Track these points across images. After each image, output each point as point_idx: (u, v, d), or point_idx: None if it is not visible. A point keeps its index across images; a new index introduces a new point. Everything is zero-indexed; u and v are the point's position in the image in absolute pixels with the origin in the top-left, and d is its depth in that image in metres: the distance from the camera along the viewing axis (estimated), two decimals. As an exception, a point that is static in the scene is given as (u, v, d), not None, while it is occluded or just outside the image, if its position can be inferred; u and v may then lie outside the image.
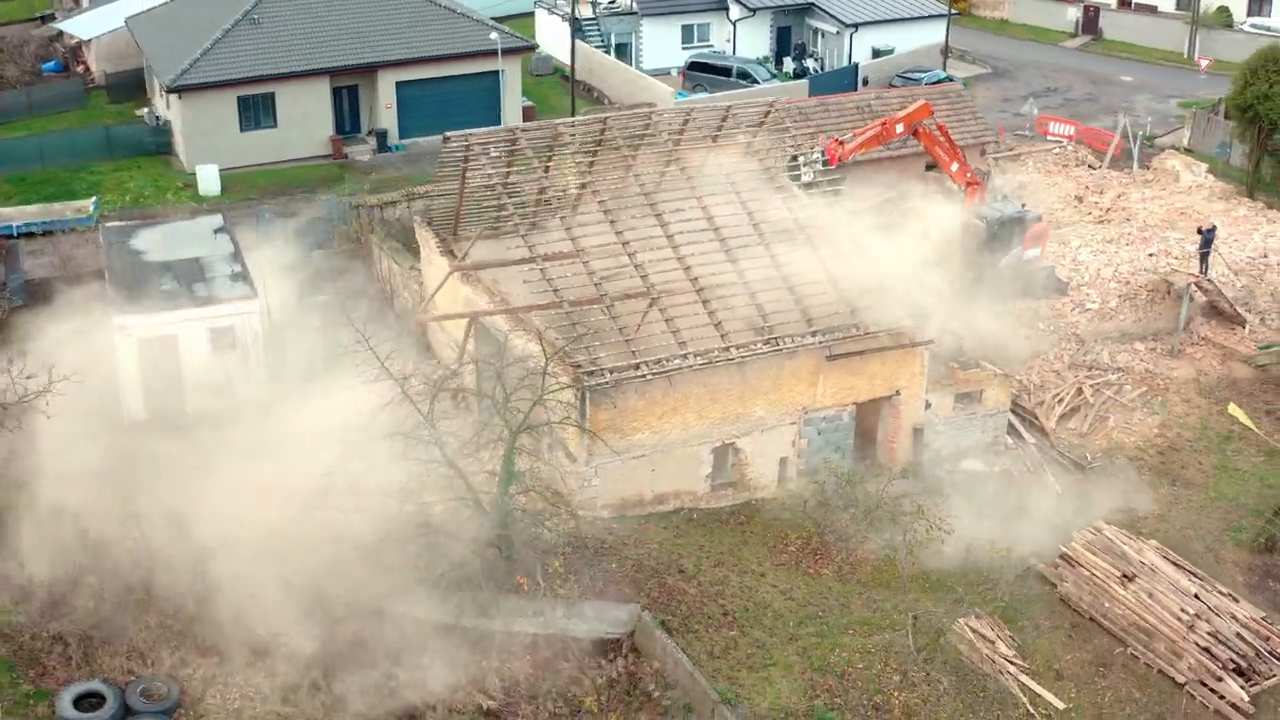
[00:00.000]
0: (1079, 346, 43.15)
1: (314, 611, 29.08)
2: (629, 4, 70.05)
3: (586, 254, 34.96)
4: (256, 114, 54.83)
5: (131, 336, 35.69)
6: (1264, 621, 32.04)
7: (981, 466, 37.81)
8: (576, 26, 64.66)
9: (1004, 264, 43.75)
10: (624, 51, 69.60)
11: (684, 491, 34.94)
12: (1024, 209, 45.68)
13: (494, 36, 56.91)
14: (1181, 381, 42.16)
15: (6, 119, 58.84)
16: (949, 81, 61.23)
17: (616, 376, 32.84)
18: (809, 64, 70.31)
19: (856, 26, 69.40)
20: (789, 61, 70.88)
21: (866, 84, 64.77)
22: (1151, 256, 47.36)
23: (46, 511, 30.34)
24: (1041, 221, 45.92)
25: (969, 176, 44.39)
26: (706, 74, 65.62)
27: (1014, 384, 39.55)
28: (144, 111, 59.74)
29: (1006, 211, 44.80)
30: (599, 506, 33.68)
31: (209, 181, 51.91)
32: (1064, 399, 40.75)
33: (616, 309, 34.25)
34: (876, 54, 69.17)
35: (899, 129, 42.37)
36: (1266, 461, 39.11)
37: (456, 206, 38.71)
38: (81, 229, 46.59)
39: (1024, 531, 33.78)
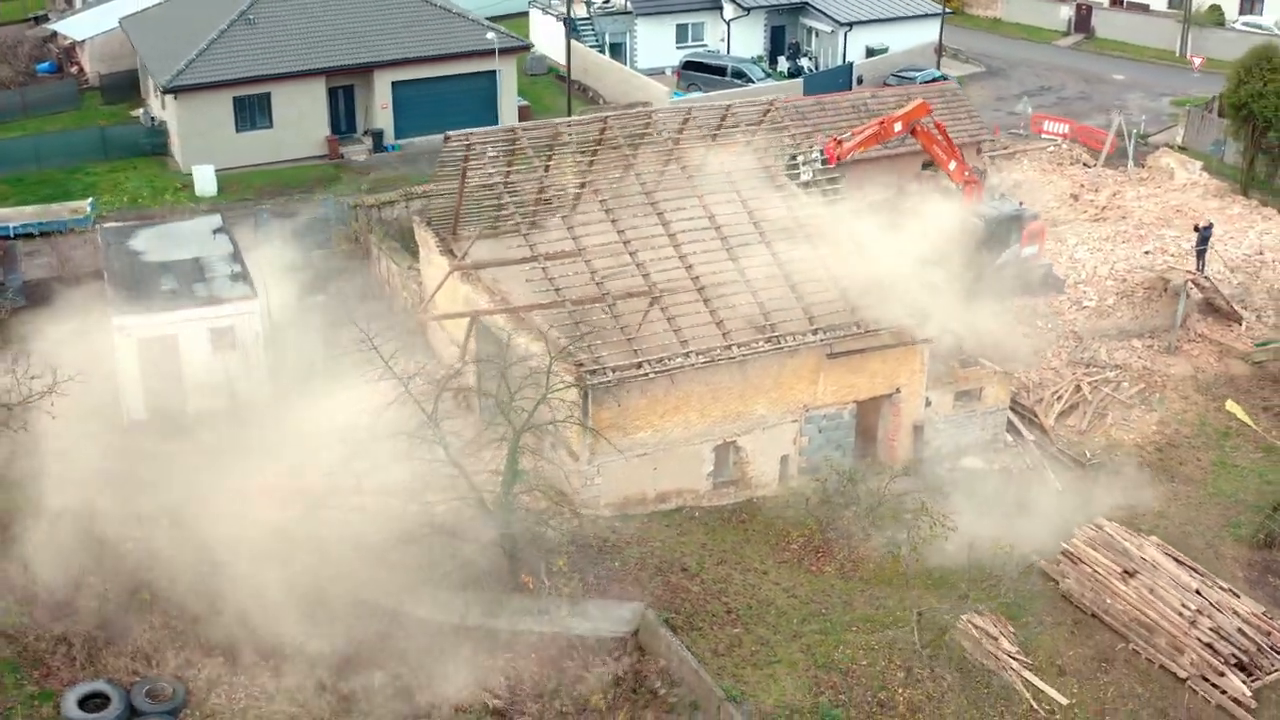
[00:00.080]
0: (1077, 344, 43.31)
1: (319, 611, 29.09)
2: (623, 3, 70.03)
3: (587, 253, 34.96)
4: (252, 114, 54.71)
5: (131, 337, 35.65)
6: (1265, 617, 32.16)
7: (981, 464, 37.93)
8: (571, 26, 64.66)
9: (1002, 262, 43.85)
10: (618, 51, 69.56)
11: (686, 490, 34.98)
12: (1021, 207, 45.80)
13: (491, 36, 56.89)
14: (1179, 378, 42.32)
15: (1, 120, 58.69)
16: (944, 80, 61.28)
17: (619, 375, 32.85)
18: (803, 63, 70.36)
19: (851, 25, 69.48)
20: (783, 61, 70.95)
21: (861, 83, 64.83)
22: (1148, 254, 47.54)
23: (49, 512, 30.30)
24: (1039, 220, 46.04)
25: (967, 175, 44.45)
26: (701, 73, 65.58)
27: (1014, 382, 39.65)
28: (139, 112, 59.62)
29: (1004, 210, 44.91)
30: (601, 505, 33.71)
31: (205, 182, 51.79)
32: (1062, 396, 40.88)
33: (618, 308, 34.28)
34: (870, 53, 69.28)
35: (897, 128, 42.35)
36: (1264, 457, 39.27)
37: (456, 206, 38.70)
38: (79, 230, 46.44)
39: (1025, 528, 33.83)
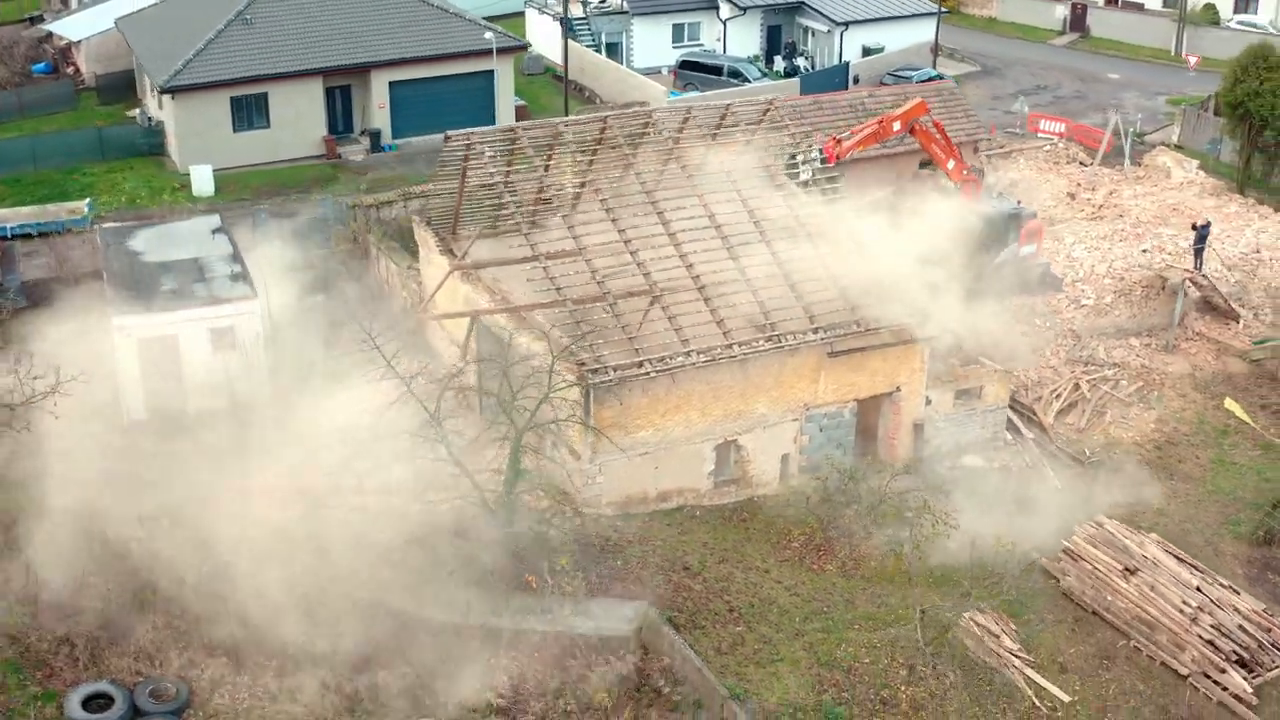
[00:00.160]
0: (1075, 342, 43.40)
1: (322, 611, 29.09)
2: (619, 3, 70.04)
3: (588, 252, 34.98)
4: (249, 114, 54.68)
5: (131, 337, 35.65)
6: (1265, 614, 32.25)
7: (981, 462, 38.01)
8: (568, 26, 64.64)
9: (1000, 261, 43.88)
10: (614, 51, 69.60)
11: (687, 489, 35.00)
12: (1019, 206, 45.86)
13: (489, 36, 56.89)
14: (1177, 376, 42.44)
15: (-2, 120, 58.77)
16: (940, 79, 61.36)
17: (620, 374, 32.87)
18: (799, 63, 70.42)
19: (847, 25, 69.63)
20: (779, 60, 71.01)
21: (857, 82, 64.91)
22: (1145, 253, 47.61)
23: (51, 512, 30.27)
24: (1037, 218, 46.09)
25: (965, 174, 44.49)
26: (697, 73, 65.70)
27: (1014, 380, 39.72)
28: (135, 112, 59.57)
29: (1002, 208, 44.95)
30: (603, 504, 33.73)
31: (203, 182, 51.77)
32: (1061, 394, 40.97)
33: (619, 307, 34.29)
34: (867, 52, 69.39)
35: (896, 126, 42.35)
36: (1263, 455, 39.38)
37: (456, 205, 38.70)
38: (76, 230, 46.42)
39: (1025, 526, 33.89)
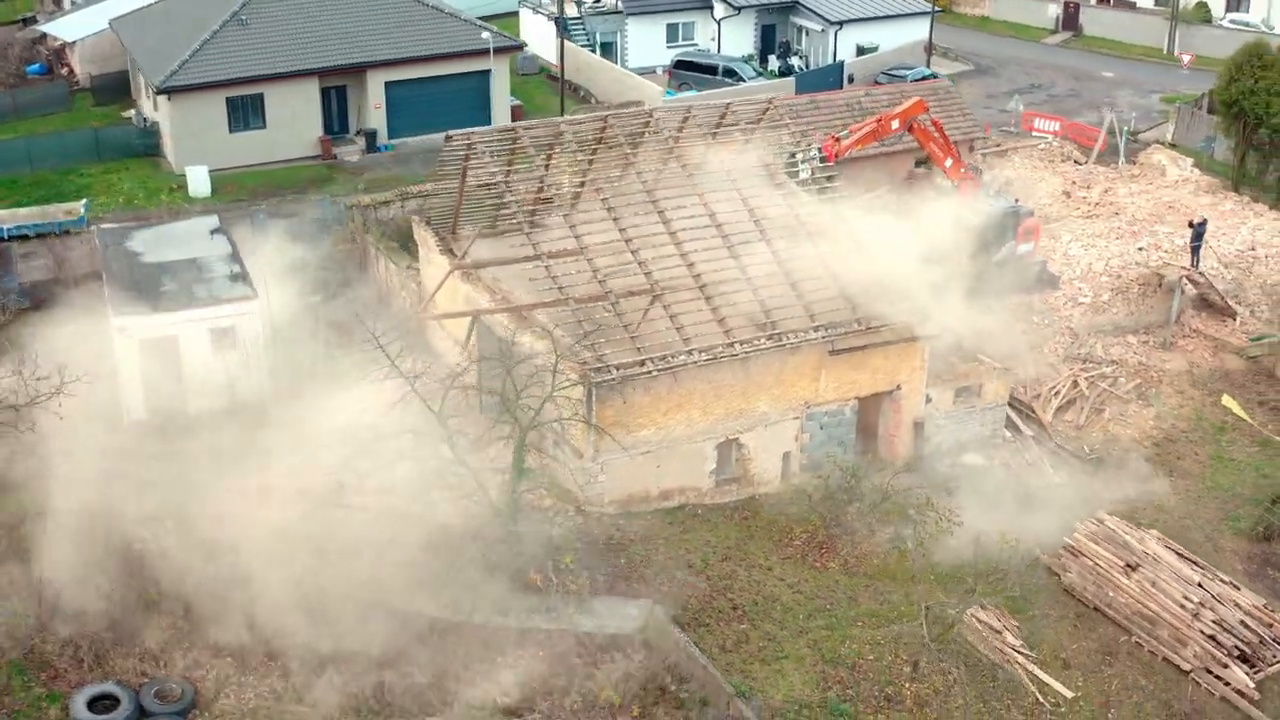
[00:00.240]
0: (1073, 340, 43.52)
1: (327, 611, 29.08)
2: (614, 3, 70.06)
3: (589, 251, 35.00)
4: (245, 115, 54.56)
5: (132, 337, 35.63)
6: (1266, 609, 32.40)
7: (981, 460, 38.09)
8: (563, 25, 64.64)
9: (997, 259, 44.02)
10: (609, 50, 69.60)
11: (689, 487, 35.04)
12: (1016, 204, 45.99)
13: (485, 36, 56.87)
14: (1174, 374, 42.59)
15: (-7, 122, 58.62)
16: (935, 78, 61.48)
17: (623, 373, 32.90)
18: (794, 62, 70.50)
19: (841, 24, 69.69)
20: (774, 59, 71.08)
21: (852, 81, 65.05)
22: (1141, 250, 47.74)
23: (55, 513, 30.26)
24: (1033, 216, 46.24)
25: (963, 172, 44.62)
26: (692, 72, 65.72)
27: (1015, 378, 39.82)
28: (131, 113, 59.45)
29: (999, 207, 45.05)
30: (606, 502, 33.76)
31: (199, 183, 51.66)
32: (1060, 392, 41.08)
33: (620, 306, 34.32)
34: (861, 51, 69.47)
35: (895, 125, 42.50)
36: (1261, 451, 39.55)
37: (456, 205, 38.70)
38: (74, 231, 46.32)
39: (1026, 523, 33.97)
